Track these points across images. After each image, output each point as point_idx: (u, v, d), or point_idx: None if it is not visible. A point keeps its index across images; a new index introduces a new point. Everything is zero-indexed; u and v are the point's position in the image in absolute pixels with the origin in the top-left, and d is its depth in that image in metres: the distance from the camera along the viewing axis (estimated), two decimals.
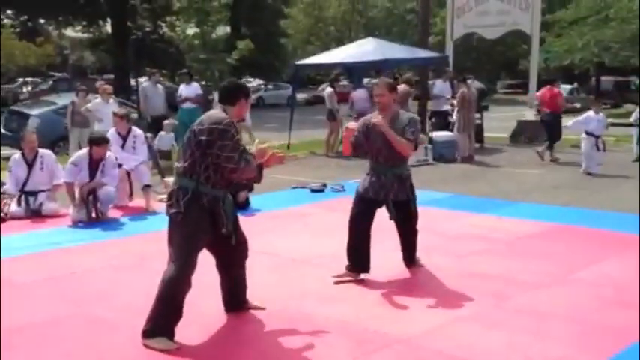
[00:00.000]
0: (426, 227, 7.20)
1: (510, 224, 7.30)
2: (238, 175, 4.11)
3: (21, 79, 32.33)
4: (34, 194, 8.00)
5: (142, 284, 4.98)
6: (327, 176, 10.52)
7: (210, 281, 4.50)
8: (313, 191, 9.34)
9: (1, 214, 7.72)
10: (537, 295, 4.98)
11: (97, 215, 7.63)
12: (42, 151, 8.26)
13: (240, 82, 4.56)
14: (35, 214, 7.89)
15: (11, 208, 7.87)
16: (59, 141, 12.76)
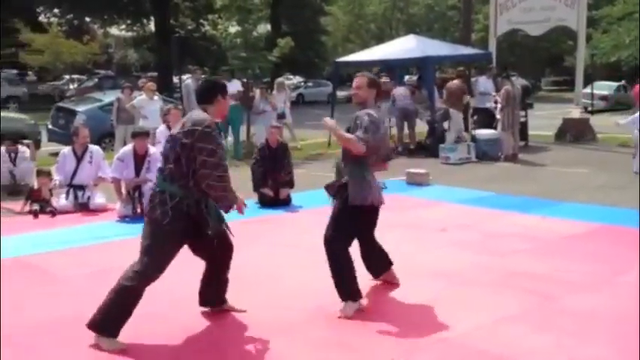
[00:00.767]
0: (469, 226, 7.19)
1: (555, 224, 7.18)
2: (207, 184, 3.90)
3: (67, 77, 32.99)
4: (82, 188, 8.18)
5: (186, 279, 5.04)
6: None
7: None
8: None
9: (51, 208, 7.94)
10: (582, 297, 4.90)
11: (143, 210, 7.76)
12: (91, 147, 8.48)
13: (215, 80, 4.47)
14: (83, 208, 8.07)
15: (60, 202, 8.08)
16: (104, 137, 13.00)
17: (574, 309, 4.63)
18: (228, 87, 4.45)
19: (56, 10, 37.27)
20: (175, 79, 33.05)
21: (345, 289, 4.58)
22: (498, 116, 12.78)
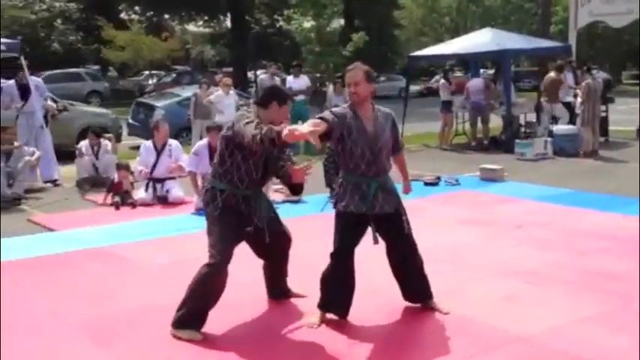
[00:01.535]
0: (546, 223, 7.03)
1: (635, 222, 6.90)
2: (257, 140, 3.77)
3: (146, 72, 33.98)
4: (161, 181, 8.45)
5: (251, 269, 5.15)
6: (441, 169, 10.39)
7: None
8: (427, 184, 9.27)
9: (131, 200, 8.23)
10: None
11: None
12: (171, 141, 8.73)
13: (276, 87, 4.62)
14: (162, 201, 8.33)
15: (139, 195, 8.37)
16: (182, 132, 13.33)
17: None
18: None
19: (137, 8, 38.41)
20: (250, 74, 33.68)
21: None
22: (578, 111, 12.41)
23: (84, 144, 9.65)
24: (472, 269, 5.46)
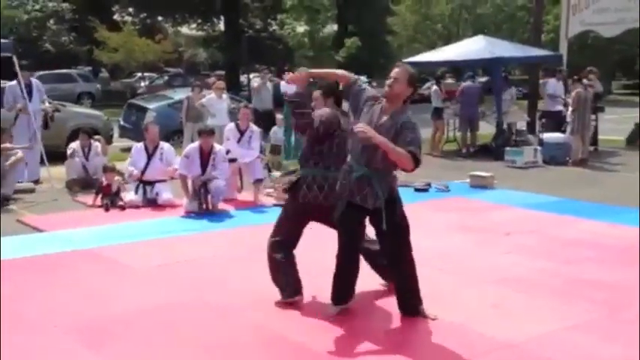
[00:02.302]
0: (534, 231, 7.07)
1: (624, 231, 6.98)
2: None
3: (138, 74, 33.89)
4: (152, 183, 8.43)
5: (253, 274, 5.16)
6: (432, 175, 10.42)
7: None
8: (417, 190, 9.30)
9: (121, 203, 8.22)
10: None
11: (208, 207, 7.95)
12: (162, 144, 8.71)
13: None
14: (151, 203, 8.32)
15: (129, 197, 8.35)
16: (173, 134, 13.29)
17: None
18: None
19: (130, 9, 38.34)
20: (242, 78, 33.63)
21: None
22: (569, 119, 12.50)
23: (75, 145, 9.63)
24: (460, 275, 5.49)
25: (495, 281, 5.34)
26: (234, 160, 8.52)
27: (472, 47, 14.37)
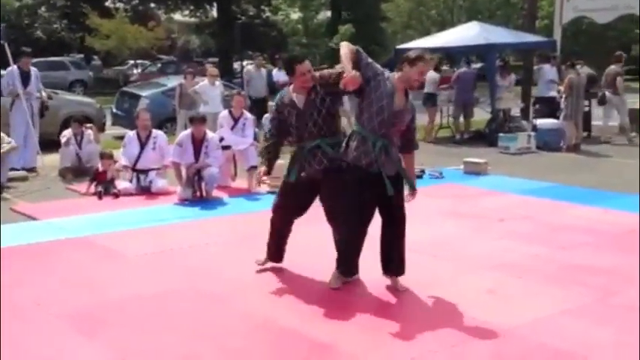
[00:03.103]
0: (528, 217, 7.09)
1: (618, 217, 7.00)
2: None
3: (131, 62, 33.71)
4: (145, 172, 8.40)
5: (246, 261, 5.16)
6: (425, 162, 10.40)
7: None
8: None
9: (115, 190, 8.19)
10: None
11: (202, 194, 7.93)
12: (155, 132, 8.67)
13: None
14: (145, 191, 8.29)
15: (123, 185, 8.33)
16: (167, 122, 13.25)
17: (635, 304, 4.52)
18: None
19: None
20: (236, 65, 33.47)
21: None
22: (562, 105, 12.50)
23: (68, 133, 9.58)
24: (454, 261, 5.50)
25: (489, 267, 5.35)
26: (228, 148, 8.50)
27: (466, 33, 14.32)
